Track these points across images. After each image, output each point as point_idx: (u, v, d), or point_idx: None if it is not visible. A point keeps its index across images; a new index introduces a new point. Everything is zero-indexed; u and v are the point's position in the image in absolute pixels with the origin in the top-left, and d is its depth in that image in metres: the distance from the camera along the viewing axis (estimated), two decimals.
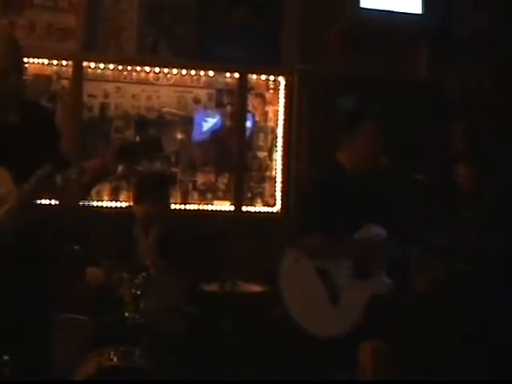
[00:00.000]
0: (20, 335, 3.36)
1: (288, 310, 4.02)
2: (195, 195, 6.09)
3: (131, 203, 5.06)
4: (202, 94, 6.11)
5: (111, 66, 5.86)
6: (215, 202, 6.13)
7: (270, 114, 6.26)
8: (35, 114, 3.46)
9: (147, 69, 5.94)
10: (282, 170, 6.20)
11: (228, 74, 6.13)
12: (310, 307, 3.97)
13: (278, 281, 4.09)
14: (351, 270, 3.93)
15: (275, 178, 6.24)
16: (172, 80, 6.02)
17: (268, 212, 6.20)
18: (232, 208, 6.13)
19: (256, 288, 4.92)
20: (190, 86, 6.08)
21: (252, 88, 6.21)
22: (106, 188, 5.79)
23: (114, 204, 5.82)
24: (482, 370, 4.26)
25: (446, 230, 4.08)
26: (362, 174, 4.06)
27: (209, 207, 6.10)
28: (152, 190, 4.95)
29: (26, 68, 3.38)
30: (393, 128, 4.11)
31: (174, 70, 5.99)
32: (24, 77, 3.39)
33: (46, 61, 5.64)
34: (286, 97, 6.20)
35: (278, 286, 4.09)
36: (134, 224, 4.96)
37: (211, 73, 6.08)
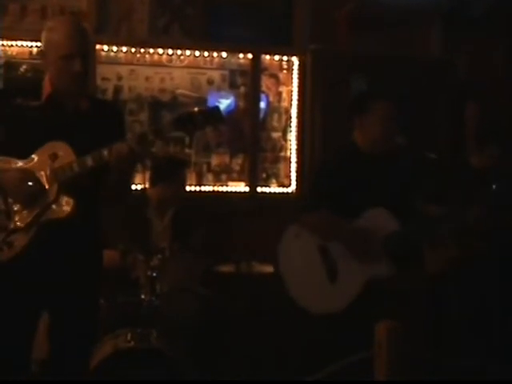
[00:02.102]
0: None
1: (285, 285, 4.03)
2: (210, 177, 6.09)
3: (146, 186, 5.08)
4: (216, 75, 6.10)
5: (124, 49, 5.86)
6: (230, 184, 6.13)
7: (284, 95, 6.24)
8: (106, 110, 3.50)
9: (160, 51, 5.93)
10: (297, 150, 6.19)
11: (241, 55, 6.11)
12: (307, 283, 3.98)
13: (277, 256, 4.10)
14: (352, 249, 3.92)
15: (290, 158, 6.23)
16: (185, 62, 6.01)
17: (283, 192, 6.20)
18: (247, 189, 6.13)
19: (271, 269, 4.93)
20: (204, 68, 6.06)
21: (265, 68, 6.19)
22: None
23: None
24: (496, 349, 4.26)
25: (459, 209, 4.05)
26: (376, 153, 4.05)
27: (223, 188, 6.10)
28: (169, 173, 4.95)
29: (91, 56, 3.40)
30: (405, 107, 4.09)
31: (187, 52, 5.97)
32: (89, 63, 3.41)
33: None
34: (300, 77, 6.18)
35: (277, 261, 4.10)
36: (148, 206, 4.97)
37: (224, 54, 6.06)
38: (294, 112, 6.21)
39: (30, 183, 3.24)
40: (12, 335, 3.32)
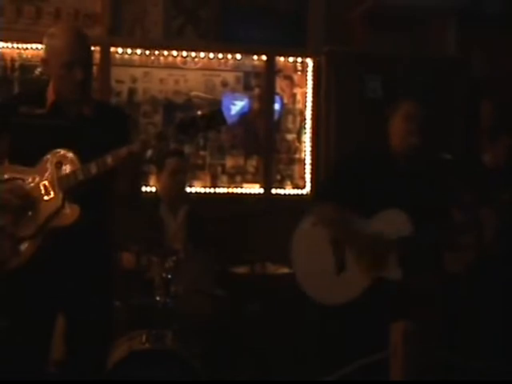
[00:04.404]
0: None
1: (294, 272, 4.03)
2: (224, 179, 6.09)
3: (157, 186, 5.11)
4: (230, 76, 6.10)
5: (138, 51, 5.87)
6: (244, 185, 6.13)
7: (298, 96, 6.23)
8: (110, 114, 3.51)
9: (174, 53, 5.94)
10: (311, 151, 6.18)
11: (255, 57, 6.11)
12: (315, 272, 3.98)
13: (290, 242, 4.09)
14: (359, 255, 3.90)
15: (304, 160, 6.22)
16: (199, 64, 6.01)
17: (297, 194, 6.19)
18: (261, 191, 6.12)
19: (285, 270, 4.92)
20: (218, 70, 6.07)
21: (280, 70, 6.19)
22: None
23: (143, 189, 5.80)
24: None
25: (475, 209, 4.02)
26: (405, 155, 4.01)
27: (238, 190, 6.10)
28: (160, 164, 4.95)
29: (93, 62, 3.43)
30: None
31: (201, 54, 5.98)
32: (91, 70, 3.43)
33: None
34: (314, 78, 6.17)
35: (289, 247, 4.09)
36: (160, 206, 4.97)
37: (238, 55, 6.06)
38: (308, 114, 6.20)
39: (17, 197, 3.27)
40: (29, 338, 3.35)
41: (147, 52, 5.89)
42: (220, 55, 6.02)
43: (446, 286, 4.30)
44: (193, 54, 5.97)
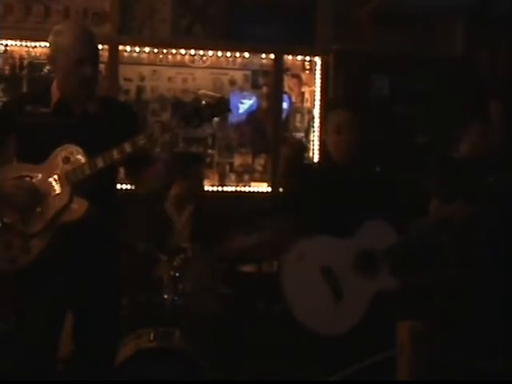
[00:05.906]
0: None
1: (290, 308, 3.95)
2: (232, 177, 6.11)
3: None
4: (238, 75, 6.11)
5: (147, 50, 5.89)
6: (252, 184, 6.15)
7: (307, 95, 6.24)
8: (116, 110, 3.50)
9: (182, 51, 5.96)
10: (319, 150, 6.18)
11: (263, 55, 6.12)
12: (313, 305, 3.90)
13: (280, 278, 4.03)
14: (355, 266, 3.87)
15: (312, 158, 6.22)
16: (207, 62, 6.03)
17: None
18: (269, 189, 6.13)
19: None
20: (226, 68, 6.09)
21: (288, 69, 6.20)
22: None
23: None
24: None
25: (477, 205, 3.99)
26: (340, 164, 4.00)
27: (246, 189, 6.12)
28: (184, 168, 4.96)
29: (99, 59, 3.44)
30: (428, 106, 4.06)
31: (210, 52, 6.00)
32: (98, 67, 3.43)
33: None
34: (322, 77, 6.17)
35: (280, 284, 4.02)
36: (166, 204, 4.97)
37: (246, 54, 6.08)
38: (316, 112, 6.21)
39: (25, 194, 3.27)
40: (38, 336, 3.34)
41: (155, 50, 5.92)
42: (228, 54, 6.04)
43: (444, 285, 4.30)
44: (201, 52, 6.00)
